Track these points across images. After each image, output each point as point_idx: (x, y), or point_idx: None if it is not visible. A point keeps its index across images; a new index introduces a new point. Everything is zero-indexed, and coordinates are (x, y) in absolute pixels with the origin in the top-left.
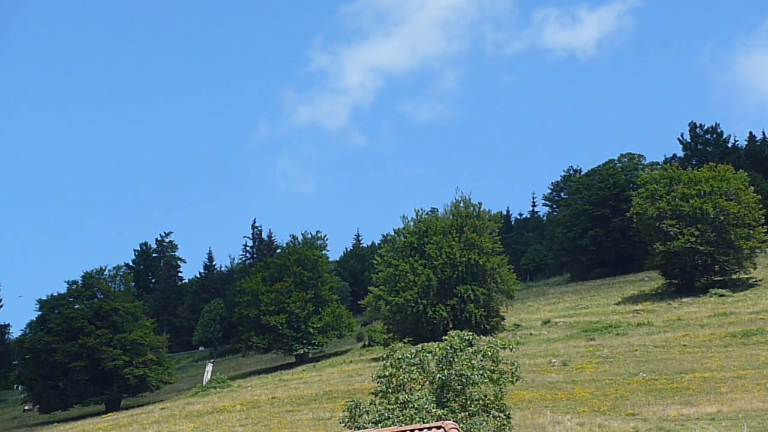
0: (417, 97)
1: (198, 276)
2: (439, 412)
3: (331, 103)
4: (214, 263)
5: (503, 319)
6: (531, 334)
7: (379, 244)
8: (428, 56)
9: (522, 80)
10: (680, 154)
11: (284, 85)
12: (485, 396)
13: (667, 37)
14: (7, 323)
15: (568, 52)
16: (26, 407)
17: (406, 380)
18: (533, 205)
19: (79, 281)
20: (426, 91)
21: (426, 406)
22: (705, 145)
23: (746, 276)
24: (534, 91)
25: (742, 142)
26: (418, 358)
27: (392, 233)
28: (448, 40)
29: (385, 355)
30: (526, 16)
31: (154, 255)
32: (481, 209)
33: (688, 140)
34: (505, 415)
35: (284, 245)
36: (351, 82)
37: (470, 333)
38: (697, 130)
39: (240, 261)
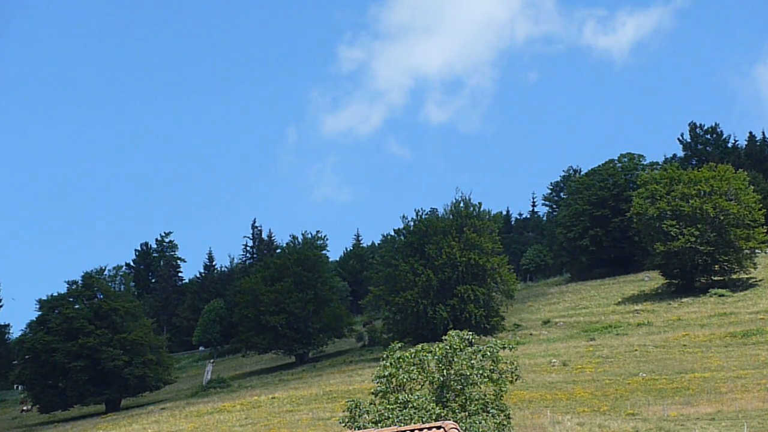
0: (443, 97)
1: (198, 276)
2: (439, 411)
3: (360, 102)
4: (214, 263)
5: (503, 319)
6: (531, 334)
7: (379, 244)
8: (462, 54)
9: (543, 79)
10: (680, 154)
11: (312, 86)
12: (485, 396)
13: (694, 43)
14: (7, 323)
15: (605, 54)
16: (24, 407)
17: (405, 380)
18: (533, 205)
19: (79, 281)
20: (455, 91)
21: (426, 406)
22: (705, 145)
23: (746, 276)
24: (545, 91)
25: (742, 142)
26: (417, 358)
27: (392, 233)
28: (483, 36)
29: (385, 355)
30: (570, 15)
31: (154, 255)
32: (481, 209)
33: (688, 140)
34: (504, 414)
35: (284, 245)
36: (382, 80)
37: (470, 333)
38: (697, 130)
39: (240, 261)
